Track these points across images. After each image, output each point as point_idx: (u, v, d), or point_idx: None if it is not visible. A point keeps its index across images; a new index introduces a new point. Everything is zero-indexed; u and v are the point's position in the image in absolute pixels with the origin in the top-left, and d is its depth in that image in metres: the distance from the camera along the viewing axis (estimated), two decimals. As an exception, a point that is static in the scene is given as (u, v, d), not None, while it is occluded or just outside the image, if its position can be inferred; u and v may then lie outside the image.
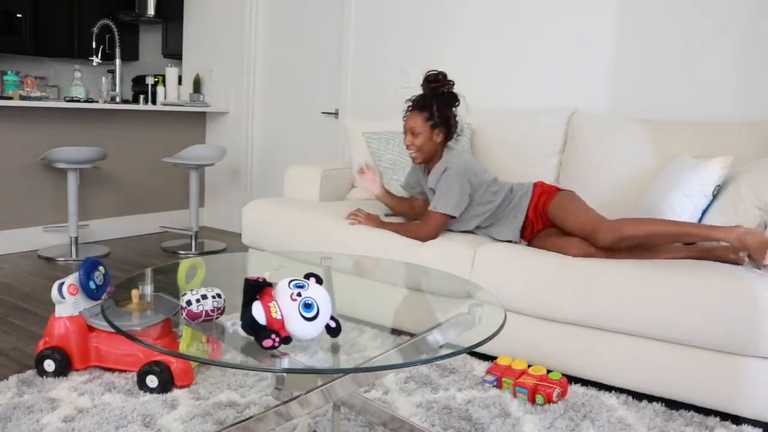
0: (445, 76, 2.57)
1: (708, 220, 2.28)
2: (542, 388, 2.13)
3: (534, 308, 2.29)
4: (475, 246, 2.49)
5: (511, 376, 2.21)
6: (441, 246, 2.52)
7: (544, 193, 2.53)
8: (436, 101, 2.53)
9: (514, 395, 2.18)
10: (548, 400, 2.13)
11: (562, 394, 2.17)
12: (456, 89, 2.58)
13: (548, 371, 2.25)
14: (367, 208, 2.97)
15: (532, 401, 2.14)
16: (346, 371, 1.48)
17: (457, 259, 2.47)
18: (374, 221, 2.70)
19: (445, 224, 2.53)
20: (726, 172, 2.28)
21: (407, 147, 2.59)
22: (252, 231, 3.09)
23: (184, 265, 2.08)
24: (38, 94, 4.14)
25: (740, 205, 2.21)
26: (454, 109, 2.56)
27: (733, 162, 2.42)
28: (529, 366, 2.29)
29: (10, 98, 3.96)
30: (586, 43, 3.29)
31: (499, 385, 2.24)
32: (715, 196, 2.31)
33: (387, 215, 2.87)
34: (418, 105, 2.56)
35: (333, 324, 1.42)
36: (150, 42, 6.33)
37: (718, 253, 2.24)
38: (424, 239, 2.53)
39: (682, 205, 2.28)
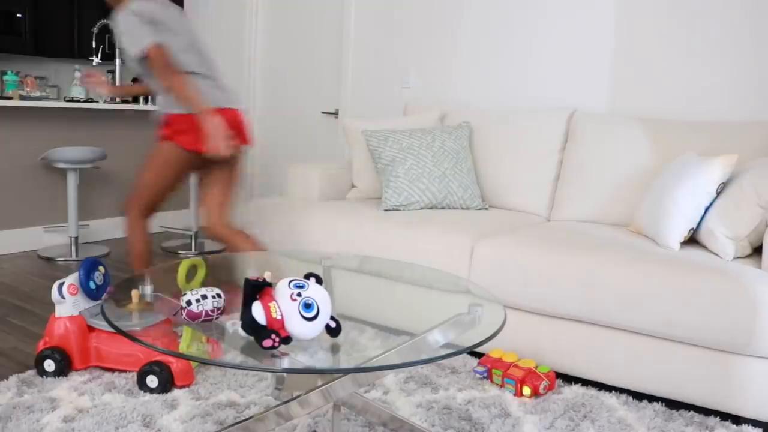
0: None
1: (710, 218, 2.28)
2: (530, 380, 2.17)
3: (534, 303, 2.29)
4: (473, 241, 2.49)
5: (501, 367, 2.25)
6: (439, 241, 2.53)
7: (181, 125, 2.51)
8: None
9: (502, 386, 2.22)
10: (535, 392, 2.16)
11: (549, 387, 2.20)
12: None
13: (537, 365, 2.27)
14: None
15: (519, 393, 2.17)
16: (346, 371, 1.48)
17: (455, 254, 2.47)
18: (107, 88, 2.77)
19: (162, 56, 2.42)
20: (731, 170, 2.28)
21: None
22: (252, 231, 3.09)
23: (184, 265, 2.07)
24: (38, 94, 4.14)
25: (742, 203, 2.21)
26: None
27: (737, 161, 2.42)
28: (519, 359, 2.31)
29: (10, 98, 3.96)
30: (586, 43, 3.29)
31: (489, 376, 2.27)
32: (718, 194, 2.31)
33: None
34: None
35: (333, 324, 1.42)
36: (150, 42, 6.32)
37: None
38: (165, 80, 2.45)
39: (686, 202, 2.28)
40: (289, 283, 1.39)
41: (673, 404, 2.17)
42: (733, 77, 2.91)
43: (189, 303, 1.46)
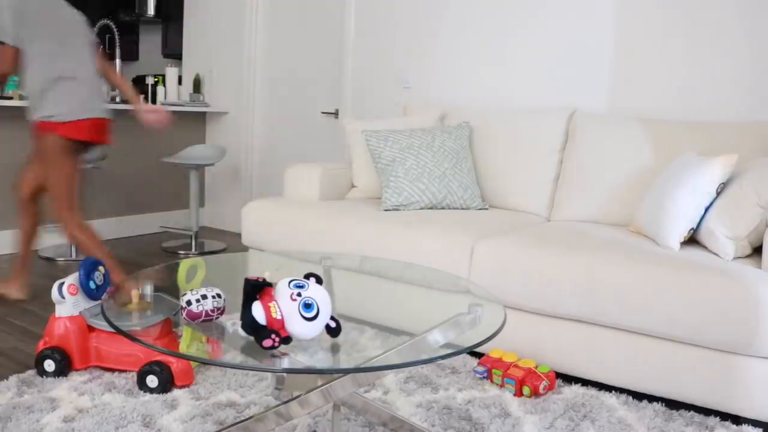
0: None
1: (710, 218, 2.28)
2: (529, 380, 2.17)
3: (534, 303, 2.29)
4: (473, 241, 2.49)
5: (501, 367, 2.25)
6: (439, 241, 2.53)
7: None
8: None
9: (502, 386, 2.22)
10: (535, 392, 2.16)
11: (549, 387, 2.20)
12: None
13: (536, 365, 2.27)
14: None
15: (519, 393, 2.18)
16: (346, 371, 1.48)
17: (455, 254, 2.47)
18: None
19: (5, 59, 2.63)
20: (731, 170, 2.29)
21: None
22: (252, 231, 3.09)
23: (184, 265, 2.07)
24: (38, 94, 4.13)
25: (743, 203, 2.21)
26: None
27: (737, 161, 2.42)
28: (519, 359, 2.31)
29: (10, 98, 3.96)
30: (586, 42, 3.29)
31: (489, 376, 2.27)
32: (718, 194, 2.31)
33: None
34: None
35: (333, 324, 1.42)
36: (150, 42, 6.33)
37: None
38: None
39: (686, 202, 2.28)
40: (289, 283, 1.39)
41: (673, 404, 2.17)
42: (732, 77, 2.91)
43: (189, 303, 1.46)
